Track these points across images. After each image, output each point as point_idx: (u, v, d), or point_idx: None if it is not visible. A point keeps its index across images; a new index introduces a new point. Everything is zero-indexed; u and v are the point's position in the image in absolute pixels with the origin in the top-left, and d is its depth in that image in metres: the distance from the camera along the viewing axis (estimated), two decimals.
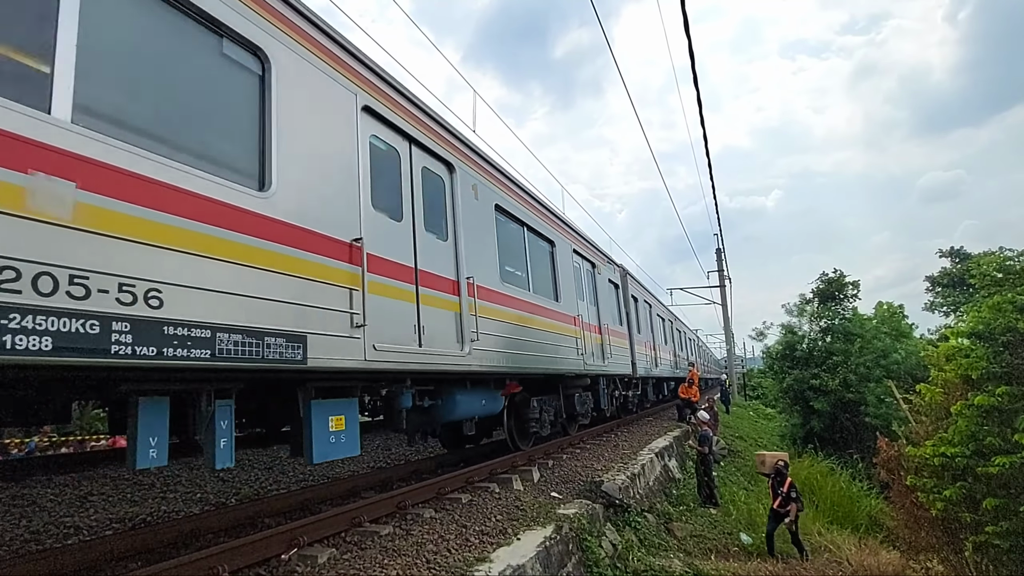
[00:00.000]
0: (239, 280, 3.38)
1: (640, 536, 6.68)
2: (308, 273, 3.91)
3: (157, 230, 2.99)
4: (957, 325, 12.30)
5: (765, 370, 38.48)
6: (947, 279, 36.44)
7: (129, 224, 2.86)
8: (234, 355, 3.28)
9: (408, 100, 5.55)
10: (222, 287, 3.28)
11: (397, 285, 4.96)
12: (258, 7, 3.87)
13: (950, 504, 8.27)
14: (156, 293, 2.93)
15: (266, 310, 3.53)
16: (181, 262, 3.07)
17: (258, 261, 3.53)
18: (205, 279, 3.18)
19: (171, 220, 3.07)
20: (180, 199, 3.14)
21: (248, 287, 3.44)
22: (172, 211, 3.09)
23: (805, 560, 8.31)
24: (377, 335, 4.46)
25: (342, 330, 4.12)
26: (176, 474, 7.00)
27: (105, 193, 2.80)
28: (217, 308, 3.22)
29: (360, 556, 4.06)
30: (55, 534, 4.94)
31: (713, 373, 46.70)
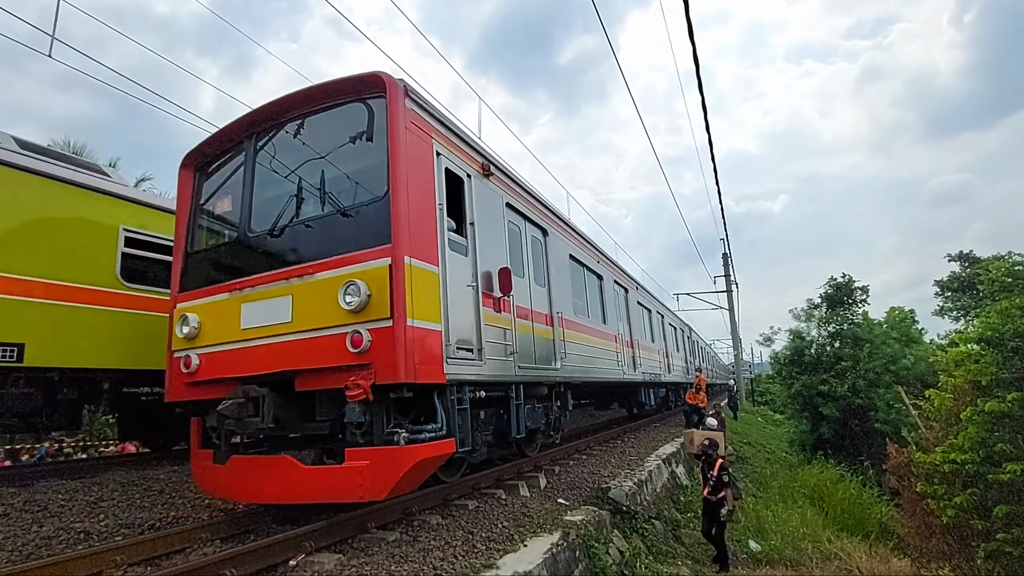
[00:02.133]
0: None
1: (648, 543, 6.64)
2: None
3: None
4: (967, 330, 12.18)
5: (773, 375, 38.19)
6: (956, 284, 36.10)
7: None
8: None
9: (524, 190, 7.56)
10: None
11: (523, 322, 6.78)
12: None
13: (961, 511, 8.18)
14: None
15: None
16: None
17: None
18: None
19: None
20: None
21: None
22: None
23: (725, 570, 6.92)
24: (520, 357, 6.42)
25: (505, 353, 6.14)
26: (185, 480, 7.04)
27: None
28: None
29: (367, 562, 4.07)
30: (66, 539, 4.98)
31: (721, 378, 46.42)
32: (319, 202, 5.12)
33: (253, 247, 5.27)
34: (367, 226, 4.70)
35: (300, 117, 5.45)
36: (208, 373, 5.15)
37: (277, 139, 5.57)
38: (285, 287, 4.85)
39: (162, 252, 7.91)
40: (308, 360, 4.59)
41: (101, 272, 7.10)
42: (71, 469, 7.20)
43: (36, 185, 6.54)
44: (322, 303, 4.57)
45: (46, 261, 6.54)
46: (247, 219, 5.40)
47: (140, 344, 7.40)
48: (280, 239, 5.10)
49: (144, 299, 7.53)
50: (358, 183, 5.02)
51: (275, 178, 5.44)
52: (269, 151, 5.58)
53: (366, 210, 4.79)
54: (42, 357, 6.35)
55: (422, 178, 5.03)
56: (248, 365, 4.87)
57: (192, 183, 6.11)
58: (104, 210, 7.24)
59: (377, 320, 4.36)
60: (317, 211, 5.10)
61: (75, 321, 6.72)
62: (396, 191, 4.64)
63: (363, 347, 4.30)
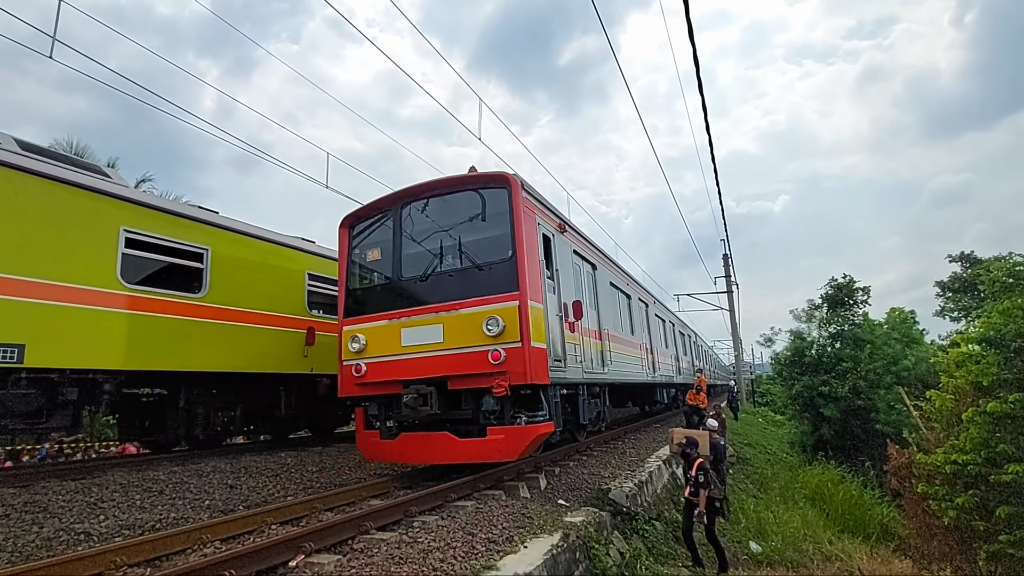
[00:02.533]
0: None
1: (648, 544, 6.63)
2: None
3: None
4: (967, 331, 12.16)
5: (774, 376, 38.11)
6: (957, 284, 36.02)
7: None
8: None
9: (582, 237, 9.79)
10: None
11: (585, 339, 8.73)
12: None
13: (962, 512, 8.17)
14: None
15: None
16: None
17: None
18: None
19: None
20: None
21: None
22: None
23: (723, 571, 6.82)
24: (584, 365, 8.45)
25: (576, 362, 8.11)
26: (185, 481, 7.04)
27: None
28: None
29: (366, 563, 4.06)
30: (66, 540, 4.98)
31: (721, 379, 46.36)
32: (457, 258, 7.22)
33: (405, 288, 7.31)
34: (498, 278, 6.74)
35: (442, 195, 7.53)
36: (374, 377, 7.12)
37: (424, 207, 7.60)
38: (436, 317, 6.88)
39: (162, 253, 7.93)
40: (458, 368, 6.60)
41: (101, 273, 7.10)
42: (72, 470, 7.19)
43: (37, 186, 6.54)
44: (468, 329, 6.63)
45: (46, 262, 6.54)
46: (398, 268, 7.49)
47: (140, 345, 7.40)
48: (427, 283, 7.21)
49: (144, 300, 7.53)
50: (487, 246, 7.06)
51: (418, 236, 7.49)
52: (414, 218, 7.59)
53: (497, 266, 6.83)
54: (43, 358, 6.35)
55: (531, 243, 7.05)
56: (409, 371, 6.87)
57: (348, 238, 8.07)
58: (104, 211, 7.24)
59: (510, 342, 6.40)
60: (456, 265, 7.19)
61: (75, 322, 6.72)
62: (519, 254, 6.73)
63: (500, 360, 6.35)
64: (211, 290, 8.40)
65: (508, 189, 7.09)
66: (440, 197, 7.54)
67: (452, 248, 7.30)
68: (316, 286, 10.46)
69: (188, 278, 8.27)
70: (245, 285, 9.00)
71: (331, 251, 11.18)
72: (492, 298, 6.66)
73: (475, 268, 7.00)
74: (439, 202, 7.56)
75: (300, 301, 10.00)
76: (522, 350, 6.36)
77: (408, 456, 7.18)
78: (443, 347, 6.75)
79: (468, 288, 6.88)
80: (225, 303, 8.60)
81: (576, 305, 8.18)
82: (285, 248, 9.97)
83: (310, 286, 10.28)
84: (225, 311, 8.59)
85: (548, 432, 6.81)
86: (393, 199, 7.81)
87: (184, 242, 8.18)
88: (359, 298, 7.79)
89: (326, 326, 10.40)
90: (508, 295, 6.59)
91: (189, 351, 8.01)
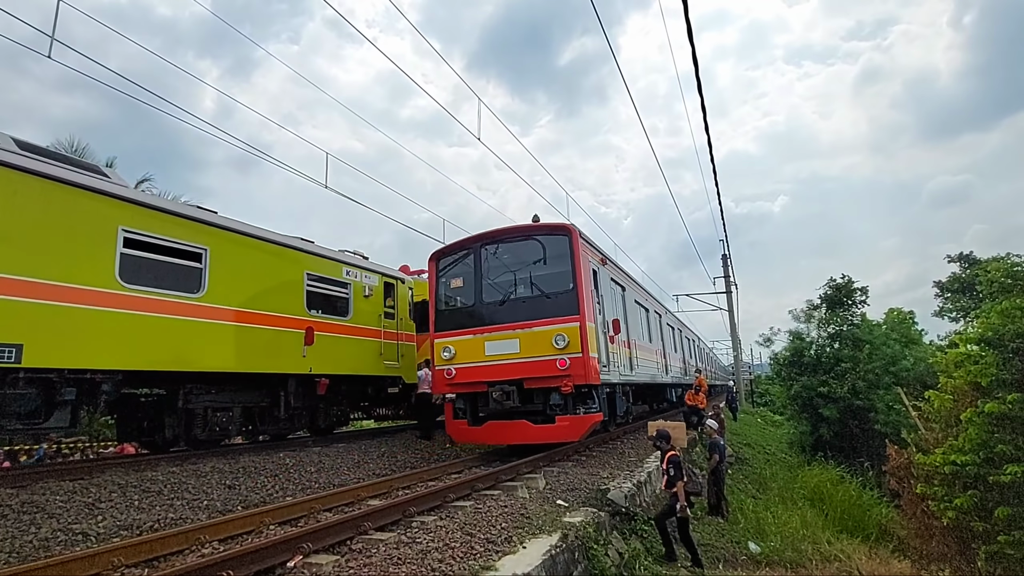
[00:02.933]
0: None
1: (647, 545, 6.62)
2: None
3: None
4: (966, 331, 12.17)
5: (773, 376, 38.12)
6: (956, 285, 36.03)
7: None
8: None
9: (617, 266, 12.17)
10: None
11: (620, 348, 10.79)
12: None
13: (961, 513, 8.17)
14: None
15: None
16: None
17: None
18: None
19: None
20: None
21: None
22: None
23: (699, 567, 6.54)
24: (620, 370, 10.37)
25: (614, 367, 9.98)
26: (183, 481, 7.03)
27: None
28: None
29: (365, 564, 4.05)
30: (64, 541, 4.97)
31: (720, 379, 46.36)
32: (528, 288, 9.34)
33: (486, 310, 9.43)
34: (563, 304, 8.88)
35: (517, 240, 9.70)
36: (462, 379, 9.23)
37: (498, 249, 9.74)
38: (513, 333, 9.03)
39: (161, 253, 7.91)
40: (532, 372, 8.76)
41: (100, 273, 7.09)
42: (70, 470, 7.18)
43: (35, 185, 6.53)
44: (540, 343, 8.78)
45: (45, 262, 6.53)
46: (480, 294, 9.57)
47: (139, 345, 7.39)
48: (505, 307, 9.32)
49: (143, 300, 7.51)
50: (552, 279, 9.18)
51: (495, 271, 9.66)
52: (493, 256, 9.71)
53: (561, 295, 8.98)
54: (41, 358, 6.33)
55: (586, 277, 9.18)
56: (492, 375, 8.99)
57: (435, 269, 10.14)
58: (103, 211, 7.22)
59: (573, 353, 8.54)
60: (528, 293, 9.32)
61: (74, 322, 6.70)
62: (578, 287, 8.90)
63: (566, 367, 8.48)
64: (210, 290, 8.40)
65: (569, 237, 9.32)
66: (515, 241, 9.76)
67: (525, 280, 9.45)
68: (315, 286, 10.45)
69: (187, 278, 8.26)
70: (244, 285, 8.99)
71: (330, 251, 11.20)
72: (558, 319, 8.83)
73: (544, 296, 9.17)
74: (514, 244, 9.74)
75: (299, 301, 9.99)
76: (582, 359, 8.55)
77: (493, 438, 9.38)
78: (520, 356, 8.93)
79: (538, 311, 9.03)
80: (224, 303, 8.59)
81: (615, 323, 10.46)
82: (284, 248, 9.96)
83: (309, 286, 10.27)
84: (224, 311, 8.58)
85: (599, 420, 8.97)
86: (473, 240, 10.00)
87: (183, 242, 8.17)
88: (447, 317, 9.87)
89: (325, 326, 10.39)
90: (571, 317, 8.78)
91: (188, 351, 8.00)
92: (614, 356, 10.27)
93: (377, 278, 12.16)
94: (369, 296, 11.76)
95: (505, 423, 8.98)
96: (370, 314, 11.74)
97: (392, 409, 14.35)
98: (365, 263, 12.06)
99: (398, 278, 13.00)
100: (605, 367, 9.35)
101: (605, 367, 9.35)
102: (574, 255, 9.12)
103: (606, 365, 9.47)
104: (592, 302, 9.37)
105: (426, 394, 12.21)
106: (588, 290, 9.23)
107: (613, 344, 10.26)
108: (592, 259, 9.97)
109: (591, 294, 9.40)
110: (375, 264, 12.44)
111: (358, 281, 11.55)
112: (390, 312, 12.40)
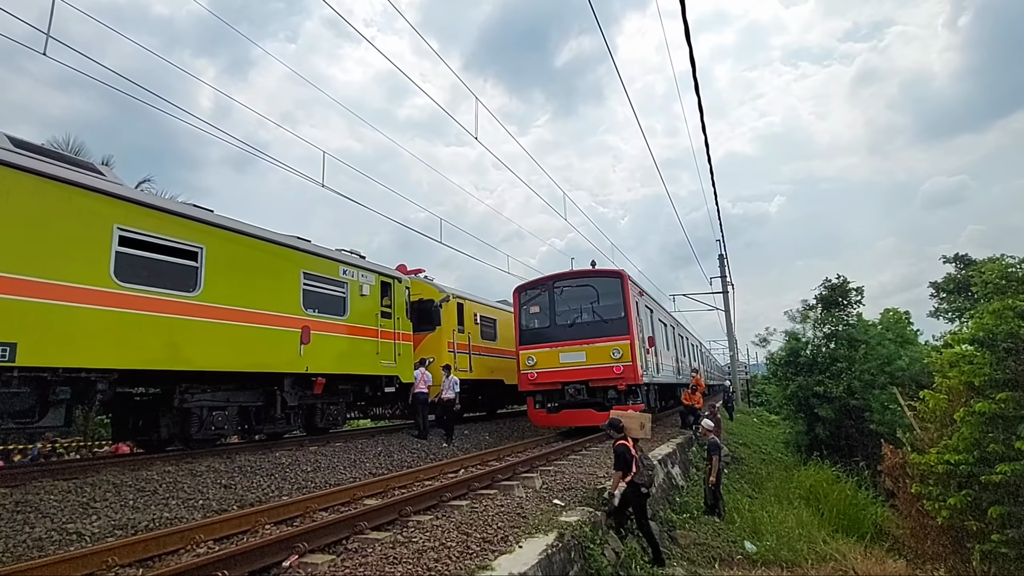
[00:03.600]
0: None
1: (643, 544, 6.63)
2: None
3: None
4: (960, 331, 12.23)
5: (769, 376, 38.21)
6: (952, 285, 36.18)
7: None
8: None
9: (647, 295, 16.00)
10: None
11: (652, 358, 14.38)
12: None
13: (955, 512, 8.21)
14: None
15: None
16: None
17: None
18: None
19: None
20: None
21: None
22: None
23: (659, 564, 6.25)
24: (650, 372, 13.91)
25: (649, 370, 13.72)
26: (178, 480, 7.00)
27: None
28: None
29: (360, 563, 4.05)
30: (58, 540, 4.94)
31: (717, 379, 46.47)
32: (590, 314, 13.01)
33: (559, 331, 13.09)
34: (617, 327, 12.47)
35: (582, 281, 13.56)
36: (542, 380, 12.80)
37: (566, 286, 13.54)
38: (580, 347, 12.64)
39: (157, 251, 7.88)
40: (595, 375, 12.33)
41: (95, 271, 7.05)
42: (64, 469, 7.14)
43: (29, 183, 6.49)
44: (601, 355, 12.33)
45: (39, 260, 6.49)
46: (554, 318, 13.32)
47: (134, 344, 7.35)
48: (573, 328, 12.98)
49: (138, 299, 7.48)
50: (608, 308, 12.75)
51: (564, 302, 13.39)
52: (562, 290, 13.51)
53: (615, 321, 12.54)
54: (35, 357, 6.30)
55: (632, 307, 12.74)
56: (565, 377, 12.55)
57: (519, 299, 13.96)
58: (98, 209, 7.19)
59: (625, 362, 12.20)
60: (590, 319, 12.96)
61: (68, 320, 6.67)
62: (628, 315, 12.64)
63: (620, 372, 12.11)
64: (206, 289, 8.37)
65: (621, 279, 13.28)
66: (580, 282, 13.63)
67: (588, 309, 13.19)
68: (311, 285, 10.42)
69: (183, 277, 8.22)
70: (240, 284, 8.97)
71: (327, 250, 11.17)
72: (614, 338, 12.54)
73: (603, 321, 12.87)
74: (578, 284, 13.61)
75: (295, 300, 9.97)
76: (632, 366, 12.27)
77: (566, 422, 13.06)
78: (586, 364, 12.61)
79: (599, 332, 12.74)
80: (220, 302, 8.56)
81: (650, 339, 14.38)
82: (281, 247, 9.93)
83: (305, 285, 10.25)
84: (220, 310, 8.55)
85: (641, 409, 11.47)
86: (547, 279, 14.02)
87: (179, 240, 8.14)
88: (529, 334, 13.62)
89: (321, 325, 10.37)
90: (623, 337, 12.51)
91: (183, 350, 7.96)
92: (649, 363, 13.75)
93: (374, 277, 12.14)
94: (366, 295, 11.73)
95: (576, 411, 12.66)
96: (367, 313, 11.72)
97: (388, 408, 14.34)
98: (362, 262, 12.03)
99: (395, 277, 12.98)
100: (645, 371, 12.94)
101: (645, 371, 12.94)
102: (624, 292, 13.01)
103: (646, 370, 13.06)
104: (636, 325, 13.01)
105: (423, 393, 12.23)
106: (634, 317, 12.99)
107: (648, 355, 13.79)
108: (634, 292, 13.59)
109: (635, 319, 13.12)
110: (372, 263, 12.41)
111: (355, 280, 11.52)
112: (387, 311, 12.38)
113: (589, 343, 12.56)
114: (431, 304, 14.79)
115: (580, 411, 12.45)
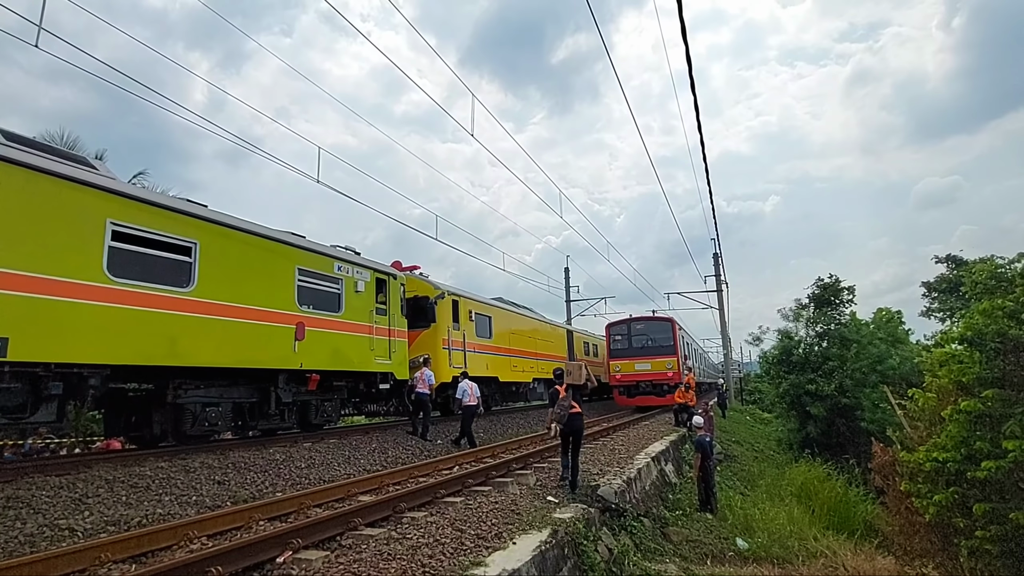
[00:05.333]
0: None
1: (636, 540, 6.69)
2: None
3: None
4: (950, 331, 12.36)
5: (762, 375, 38.45)
6: (943, 285, 36.48)
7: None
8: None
9: (683, 326, 27.33)
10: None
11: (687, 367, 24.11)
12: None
13: (943, 509, 8.30)
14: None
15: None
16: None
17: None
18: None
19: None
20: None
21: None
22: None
23: (572, 491, 6.81)
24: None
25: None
26: (172, 477, 6.98)
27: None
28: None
29: (355, 559, 4.07)
30: (50, 536, 4.93)
31: (710, 377, 46.72)
32: (653, 342, 23.39)
33: (634, 350, 23.60)
34: (668, 351, 22.91)
35: (647, 321, 24.53)
36: (622, 380, 23.23)
37: (639, 325, 24.15)
38: (647, 360, 23.03)
39: (150, 246, 7.84)
40: (657, 377, 22.63)
41: (87, 266, 7.00)
42: (56, 465, 7.10)
43: (20, 177, 6.44)
44: (660, 365, 22.75)
45: (31, 255, 6.44)
46: (630, 342, 23.87)
47: (127, 339, 7.32)
48: (642, 349, 23.48)
49: (131, 294, 7.44)
50: (663, 340, 23.26)
51: (637, 334, 23.83)
52: (635, 327, 24.04)
53: (667, 347, 23.01)
54: (27, 351, 6.26)
55: (676, 337, 23.22)
56: (638, 377, 22.98)
57: (609, 332, 24.37)
58: (90, 203, 7.14)
59: (674, 370, 22.25)
60: (652, 345, 23.37)
61: (61, 315, 6.63)
62: (675, 345, 23.04)
63: (671, 376, 22.07)
64: (199, 284, 8.33)
65: (671, 323, 23.57)
66: (647, 322, 24.02)
67: (652, 338, 23.11)
68: (306, 281, 10.39)
69: (176, 272, 8.18)
70: (234, 279, 8.93)
71: (321, 246, 11.14)
72: (667, 357, 22.34)
73: (660, 347, 22.68)
74: (646, 323, 23.92)
75: (290, 296, 9.94)
76: (677, 372, 21.48)
77: (637, 402, 22.51)
78: (651, 370, 22.37)
79: (658, 352, 22.60)
80: (214, 297, 8.53)
81: (685, 356, 23.35)
82: (275, 243, 9.90)
83: (300, 281, 10.22)
84: (214, 305, 8.52)
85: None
86: (628, 320, 24.43)
87: (172, 235, 8.09)
88: (615, 351, 23.58)
89: (316, 321, 10.36)
90: (672, 356, 22.33)
91: (177, 345, 7.93)
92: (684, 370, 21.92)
93: (369, 274, 12.11)
94: (360, 292, 11.71)
95: (645, 397, 22.28)
96: (361, 310, 11.70)
97: (383, 405, 14.33)
98: (357, 259, 12.00)
99: (390, 274, 12.96)
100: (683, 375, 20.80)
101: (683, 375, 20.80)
102: (673, 330, 22.89)
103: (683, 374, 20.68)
104: (681, 351, 22.79)
105: (424, 394, 12.12)
106: (679, 344, 22.73)
107: (684, 365, 22.28)
108: (679, 329, 23.61)
109: (680, 346, 22.83)
110: (367, 260, 12.38)
111: (349, 276, 11.50)
112: (382, 308, 12.36)
113: (652, 359, 22.51)
114: (426, 301, 14.78)
115: (647, 397, 22.28)
